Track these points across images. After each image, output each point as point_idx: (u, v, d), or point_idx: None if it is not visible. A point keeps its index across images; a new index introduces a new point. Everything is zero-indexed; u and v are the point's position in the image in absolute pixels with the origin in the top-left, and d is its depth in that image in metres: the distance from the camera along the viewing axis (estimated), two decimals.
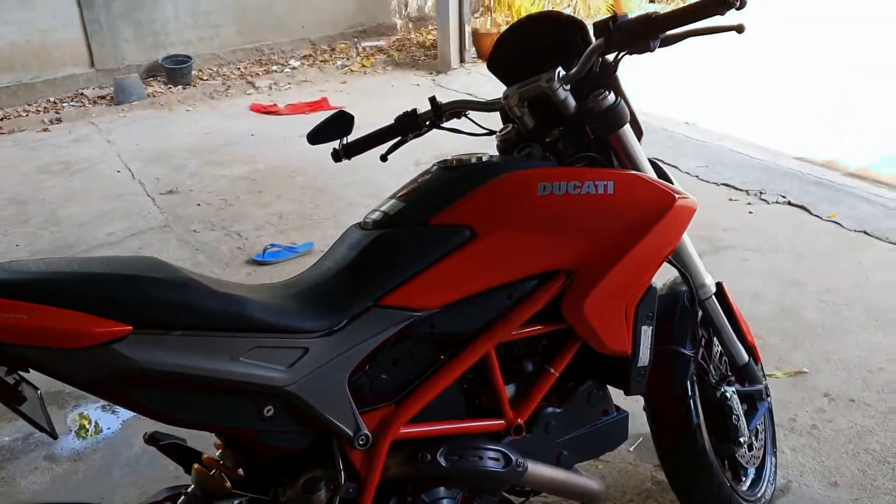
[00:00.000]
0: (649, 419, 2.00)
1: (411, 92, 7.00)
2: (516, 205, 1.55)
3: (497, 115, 1.82)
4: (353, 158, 1.89)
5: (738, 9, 1.44)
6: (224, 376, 1.30)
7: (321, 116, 1.83)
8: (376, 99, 6.72)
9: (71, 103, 7.02)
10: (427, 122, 1.85)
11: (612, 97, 1.66)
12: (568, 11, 8.04)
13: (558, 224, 1.57)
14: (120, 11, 7.43)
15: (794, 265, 3.62)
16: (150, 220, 4.49)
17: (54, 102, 7.04)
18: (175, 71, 7.51)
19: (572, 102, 1.67)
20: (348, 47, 8.64)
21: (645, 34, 1.52)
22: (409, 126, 1.85)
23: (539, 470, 1.67)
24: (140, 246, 4.15)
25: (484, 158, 1.62)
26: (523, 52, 1.78)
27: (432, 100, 1.84)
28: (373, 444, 1.47)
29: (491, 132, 1.85)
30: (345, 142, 1.86)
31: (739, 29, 1.52)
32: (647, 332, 1.71)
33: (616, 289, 1.61)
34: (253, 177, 5.10)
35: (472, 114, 1.84)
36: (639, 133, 1.78)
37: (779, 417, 2.56)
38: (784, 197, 4.31)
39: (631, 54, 1.60)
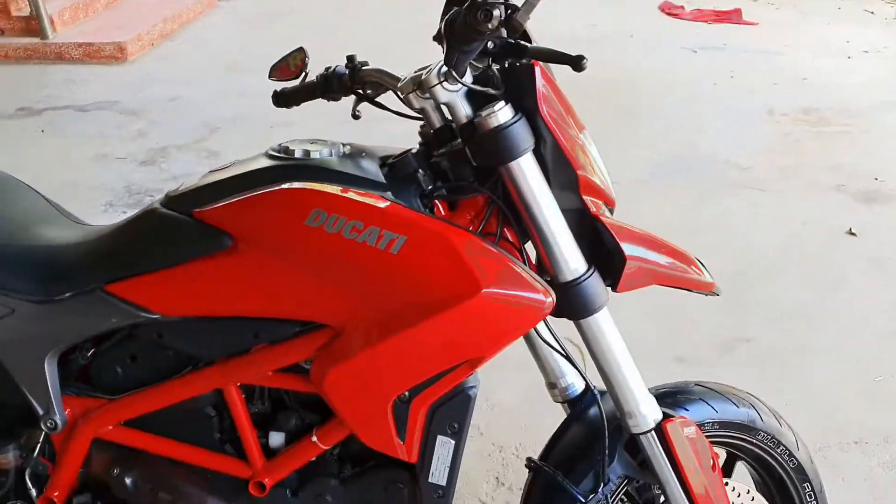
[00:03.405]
0: None
1: (857, 20, 5.72)
2: (280, 227, 1.23)
3: None
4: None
5: None
6: None
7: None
8: (809, 21, 5.59)
9: None
10: (351, 86, 1.47)
11: (506, 114, 1.19)
12: None
13: (322, 267, 1.22)
14: None
15: None
16: None
17: None
18: None
19: (463, 111, 1.23)
20: None
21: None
22: (326, 86, 1.47)
23: None
24: None
25: (314, 153, 1.27)
26: None
27: (350, 58, 1.45)
28: (71, 432, 1.37)
29: None
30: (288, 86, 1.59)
31: None
32: (445, 446, 1.29)
33: (378, 373, 1.22)
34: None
35: None
36: (570, 179, 1.25)
37: None
38: None
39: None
